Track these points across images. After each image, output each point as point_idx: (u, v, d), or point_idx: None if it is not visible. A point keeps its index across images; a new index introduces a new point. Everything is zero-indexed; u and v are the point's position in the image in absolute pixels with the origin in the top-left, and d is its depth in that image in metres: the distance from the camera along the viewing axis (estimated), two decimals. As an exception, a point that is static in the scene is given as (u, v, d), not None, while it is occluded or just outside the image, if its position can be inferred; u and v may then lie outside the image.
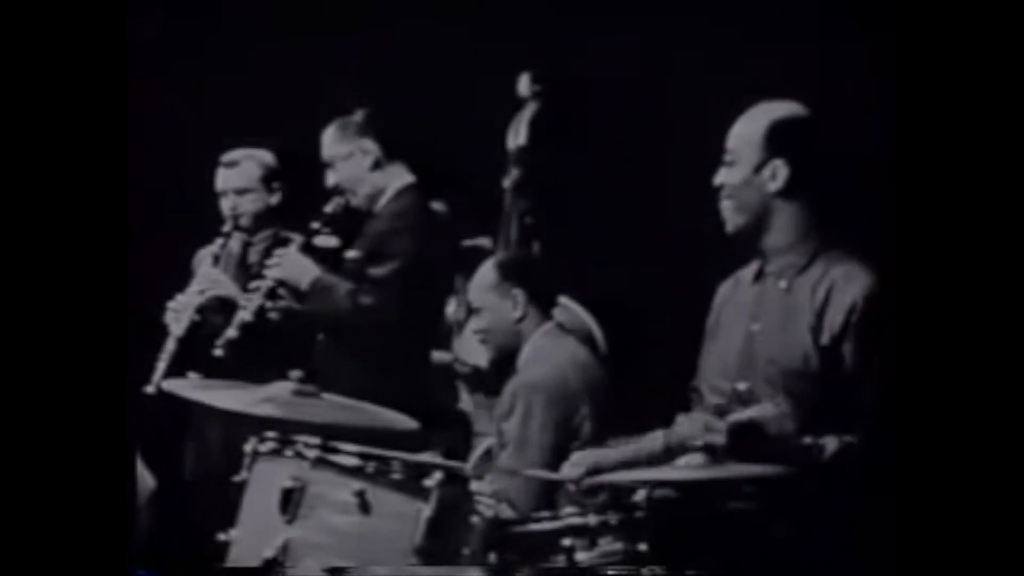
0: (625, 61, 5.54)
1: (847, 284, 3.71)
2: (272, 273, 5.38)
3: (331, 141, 5.46)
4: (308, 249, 5.40)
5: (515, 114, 5.74)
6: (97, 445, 3.20)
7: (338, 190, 5.44)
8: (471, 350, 5.38)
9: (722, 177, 3.85)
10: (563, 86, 5.69)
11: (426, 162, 5.52)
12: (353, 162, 5.44)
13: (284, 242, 5.56)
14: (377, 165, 5.43)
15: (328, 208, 5.43)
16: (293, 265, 5.37)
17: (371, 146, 5.43)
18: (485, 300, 4.83)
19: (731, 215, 3.84)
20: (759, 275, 3.88)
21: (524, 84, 5.72)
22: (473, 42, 5.79)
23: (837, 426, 3.61)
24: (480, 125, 5.74)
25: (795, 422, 3.63)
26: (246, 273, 5.57)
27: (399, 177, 5.47)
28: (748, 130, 3.83)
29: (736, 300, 3.95)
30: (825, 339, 3.69)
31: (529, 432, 4.58)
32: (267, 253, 5.57)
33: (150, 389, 5.16)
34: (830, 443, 3.60)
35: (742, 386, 3.78)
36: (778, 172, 3.79)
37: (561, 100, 5.70)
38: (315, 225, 5.43)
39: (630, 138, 5.56)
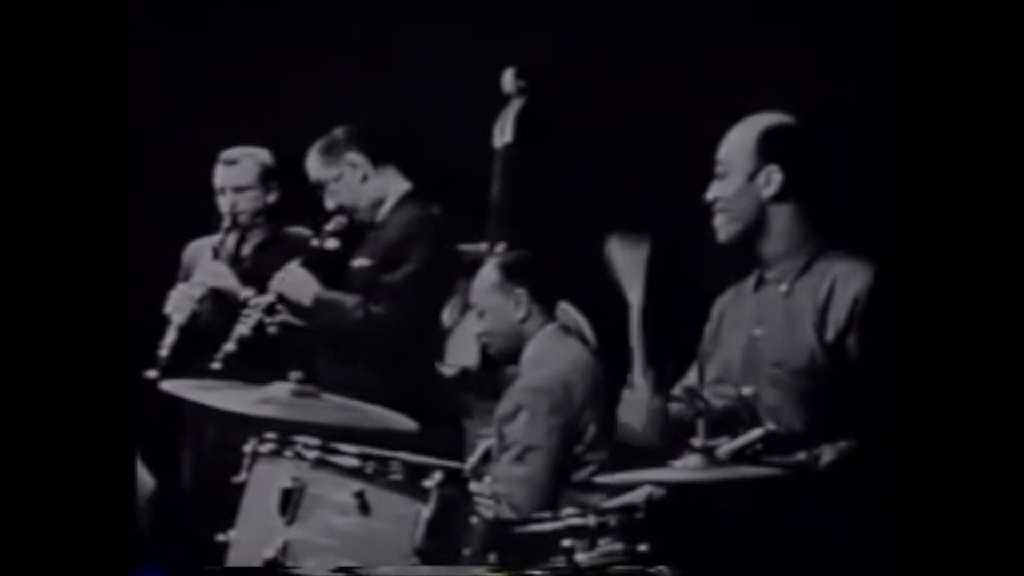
0: (623, 59, 5.53)
1: (848, 280, 3.73)
2: (274, 287, 5.39)
3: (318, 165, 5.46)
4: (311, 263, 5.41)
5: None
6: (97, 445, 3.20)
7: (340, 211, 5.44)
8: (460, 352, 5.38)
9: (715, 191, 3.86)
10: (549, 82, 5.67)
11: (419, 166, 5.52)
12: (345, 181, 5.44)
13: (279, 238, 5.59)
14: (366, 177, 5.44)
15: (329, 227, 5.44)
16: (295, 281, 5.37)
17: (358, 159, 5.43)
18: (488, 301, 4.82)
19: (724, 226, 3.86)
20: (759, 283, 3.90)
21: (508, 80, 5.69)
22: (468, 41, 5.78)
23: (843, 422, 3.62)
24: (475, 125, 5.72)
25: (789, 430, 3.67)
26: (239, 267, 5.60)
27: (396, 184, 5.47)
28: (738, 140, 3.86)
29: (736, 309, 3.96)
30: (830, 336, 3.71)
31: (534, 436, 4.57)
32: (260, 248, 5.61)
33: (152, 373, 5.19)
34: (827, 452, 3.62)
35: (747, 391, 3.78)
36: (772, 177, 3.81)
37: (548, 96, 5.67)
38: (316, 243, 5.44)
39: (621, 137, 5.55)
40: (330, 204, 5.45)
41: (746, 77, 5.08)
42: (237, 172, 5.61)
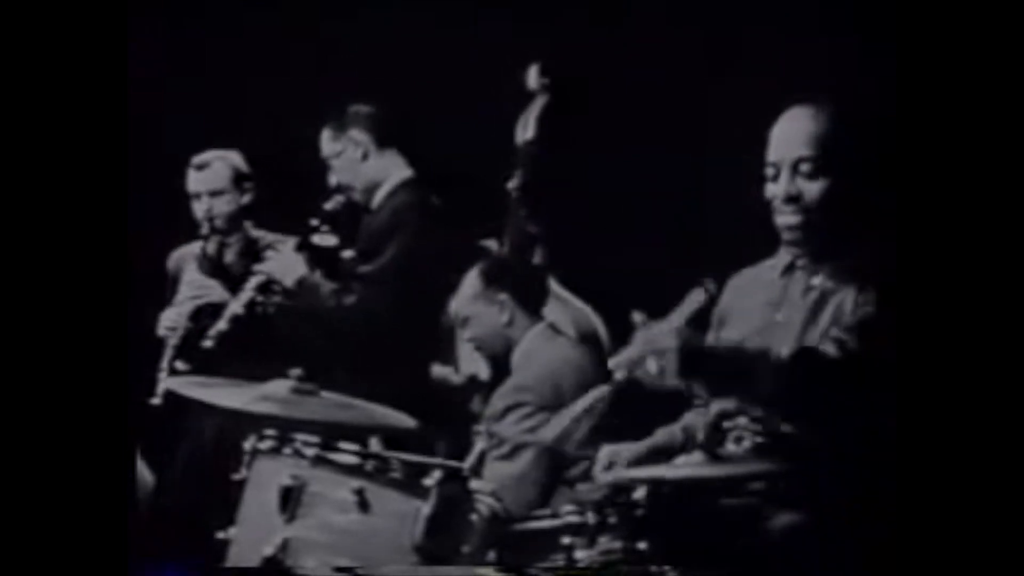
0: (629, 58, 5.54)
1: (873, 284, 3.72)
2: (261, 268, 5.40)
3: (325, 140, 5.49)
4: (306, 247, 5.41)
5: (519, 105, 5.69)
6: (97, 445, 3.20)
7: (339, 189, 5.45)
8: (471, 358, 5.37)
9: (785, 186, 3.82)
10: (572, 80, 5.66)
11: (424, 152, 5.51)
12: (346, 157, 5.45)
13: (254, 241, 5.60)
14: (367, 156, 5.43)
15: (328, 205, 5.44)
16: (282, 262, 5.38)
17: (361, 137, 5.43)
18: (472, 309, 4.87)
19: (796, 227, 3.82)
20: (788, 268, 3.88)
21: (533, 77, 5.67)
22: (476, 32, 5.78)
23: (849, 419, 3.62)
24: (483, 117, 5.71)
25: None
26: (224, 274, 5.60)
27: (397, 170, 5.47)
28: (802, 134, 3.79)
29: (755, 291, 3.93)
30: (852, 335, 3.70)
31: (522, 434, 4.59)
32: (243, 253, 5.61)
33: (156, 401, 5.21)
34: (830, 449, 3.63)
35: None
36: (833, 173, 3.75)
37: (571, 94, 5.66)
38: (314, 223, 5.44)
39: (640, 134, 5.55)
40: (332, 181, 5.46)
41: (765, 76, 5.09)
42: (210, 176, 5.61)
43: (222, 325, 5.35)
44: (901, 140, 3.31)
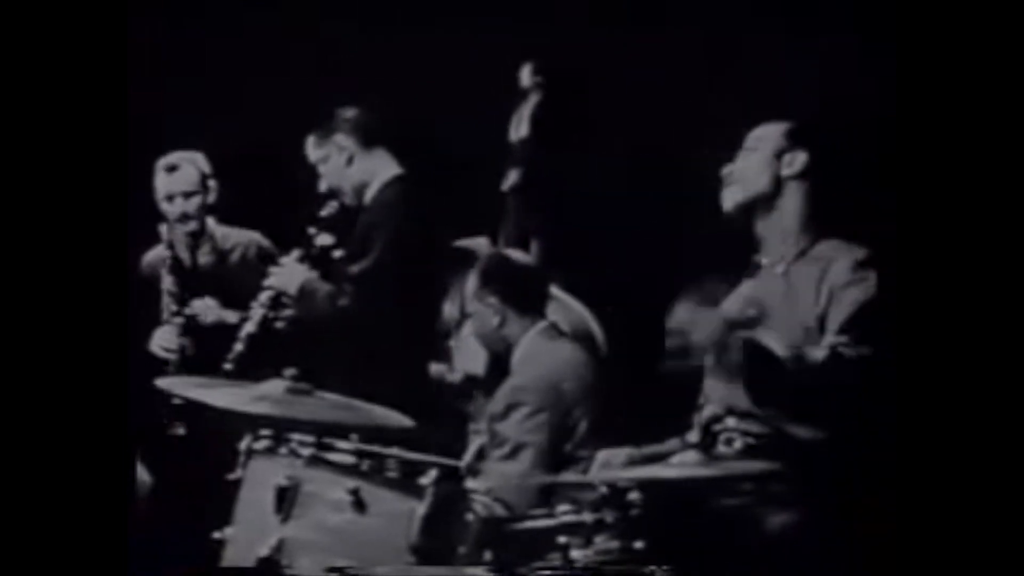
0: (625, 56, 5.53)
1: (845, 265, 3.76)
2: (267, 283, 5.41)
3: (311, 146, 5.48)
4: (308, 257, 5.42)
5: (512, 102, 5.68)
6: (97, 445, 3.21)
7: (331, 194, 5.45)
8: (467, 357, 5.37)
9: (731, 167, 3.95)
10: (566, 78, 5.65)
11: (419, 150, 5.50)
12: (332, 162, 5.44)
13: (221, 240, 5.61)
14: (351, 160, 5.43)
15: (323, 212, 5.45)
16: (285, 272, 5.39)
17: (345, 141, 5.42)
18: (472, 307, 4.87)
19: (732, 195, 3.95)
20: (754, 268, 3.92)
21: (526, 75, 5.66)
22: (472, 31, 5.77)
23: (836, 408, 3.64)
24: (477, 114, 5.70)
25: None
26: (198, 279, 5.61)
27: (384, 168, 5.45)
28: (769, 128, 3.99)
29: (732, 297, 3.98)
30: (827, 318, 3.73)
31: (524, 434, 4.59)
32: (212, 252, 5.62)
33: (180, 431, 5.25)
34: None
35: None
36: (796, 158, 3.92)
37: (564, 92, 5.65)
38: (312, 231, 5.44)
39: (634, 133, 5.54)
40: (322, 187, 5.46)
41: (757, 76, 5.10)
42: (181, 178, 5.63)
43: (240, 348, 5.37)
44: (884, 137, 3.35)
